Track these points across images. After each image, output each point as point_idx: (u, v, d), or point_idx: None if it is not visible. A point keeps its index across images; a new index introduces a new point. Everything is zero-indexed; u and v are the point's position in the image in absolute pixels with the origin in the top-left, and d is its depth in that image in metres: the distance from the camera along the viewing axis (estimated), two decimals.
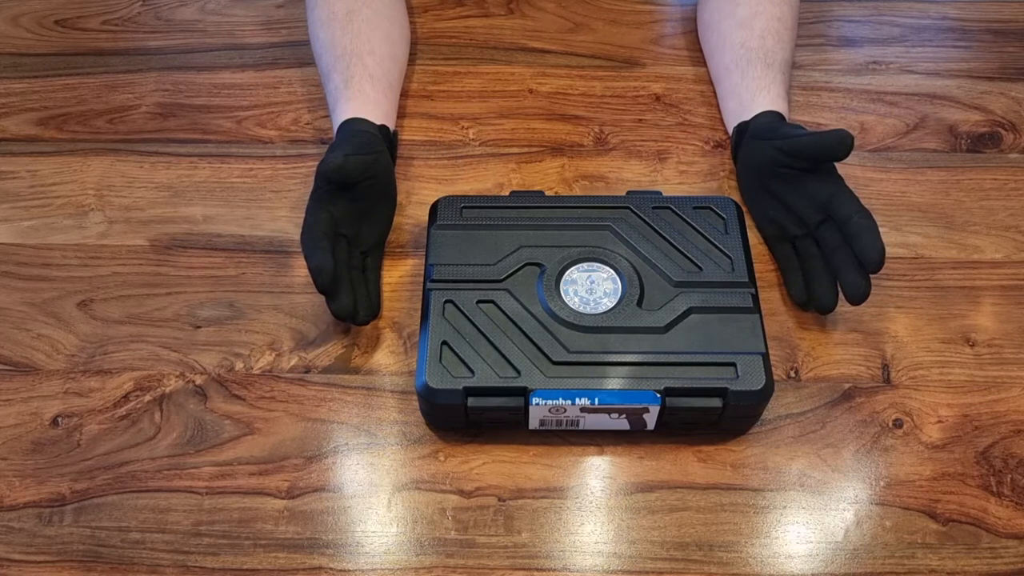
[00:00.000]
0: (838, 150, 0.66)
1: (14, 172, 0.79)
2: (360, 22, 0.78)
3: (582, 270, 0.66)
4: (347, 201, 0.67)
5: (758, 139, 0.72)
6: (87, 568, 0.58)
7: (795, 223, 0.69)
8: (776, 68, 0.76)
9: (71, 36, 0.91)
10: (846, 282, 0.64)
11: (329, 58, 0.77)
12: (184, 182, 0.78)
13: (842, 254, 0.65)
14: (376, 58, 0.77)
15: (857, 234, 0.63)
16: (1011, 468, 0.62)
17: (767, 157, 0.70)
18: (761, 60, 0.76)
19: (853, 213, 0.64)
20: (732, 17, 0.79)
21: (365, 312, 0.66)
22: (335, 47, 0.77)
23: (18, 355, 0.68)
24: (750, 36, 0.77)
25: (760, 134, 0.72)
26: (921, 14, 0.92)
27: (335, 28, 0.78)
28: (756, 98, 0.74)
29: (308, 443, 0.64)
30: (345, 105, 0.74)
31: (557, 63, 0.87)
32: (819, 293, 0.67)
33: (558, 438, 0.64)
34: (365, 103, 0.74)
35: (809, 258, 0.68)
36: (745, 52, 0.77)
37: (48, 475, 0.62)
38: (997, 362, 0.67)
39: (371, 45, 0.77)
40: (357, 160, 0.67)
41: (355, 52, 0.76)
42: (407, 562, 0.59)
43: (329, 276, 0.62)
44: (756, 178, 0.72)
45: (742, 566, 0.58)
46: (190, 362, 0.67)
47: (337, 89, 0.75)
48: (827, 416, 0.64)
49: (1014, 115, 0.82)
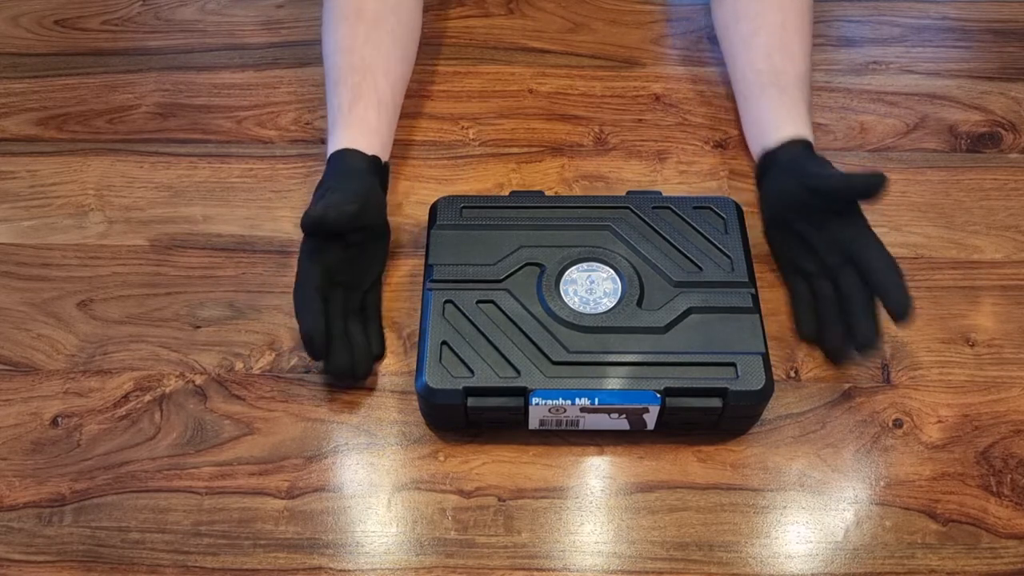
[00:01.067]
0: (870, 191, 0.65)
1: (14, 172, 0.79)
2: (384, 33, 0.75)
3: (582, 270, 0.66)
4: (339, 249, 0.65)
5: (785, 173, 0.69)
6: (87, 568, 0.58)
7: (814, 262, 0.68)
8: (791, 89, 0.73)
9: (71, 36, 0.91)
10: (857, 330, 0.64)
11: (343, 65, 0.73)
12: (184, 182, 0.78)
13: (857, 301, 0.64)
14: (390, 79, 0.74)
15: (882, 285, 0.62)
16: (1011, 468, 0.62)
17: (793, 194, 0.68)
18: (773, 84, 0.73)
19: (879, 263, 0.63)
20: (736, 34, 0.77)
21: (363, 367, 0.65)
22: (352, 54, 0.73)
23: (18, 355, 0.68)
24: (756, 57, 0.75)
25: (787, 168, 0.69)
26: (921, 14, 0.92)
27: (358, 33, 0.74)
28: (779, 127, 0.71)
29: (308, 443, 0.64)
30: (343, 132, 0.70)
31: (557, 63, 0.87)
32: (830, 339, 0.66)
33: (558, 438, 0.64)
34: (364, 132, 0.71)
35: (824, 299, 0.67)
36: (755, 77, 0.74)
37: (48, 475, 0.62)
38: (997, 362, 0.67)
39: (389, 63, 0.74)
40: (340, 212, 0.64)
41: (370, 68, 0.73)
42: (407, 562, 0.59)
43: (320, 342, 0.62)
44: (779, 212, 0.71)
45: (742, 566, 0.58)
46: (190, 362, 0.67)
47: (339, 108, 0.72)
48: (827, 416, 0.64)
49: (1014, 115, 0.82)
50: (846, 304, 0.65)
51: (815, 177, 0.67)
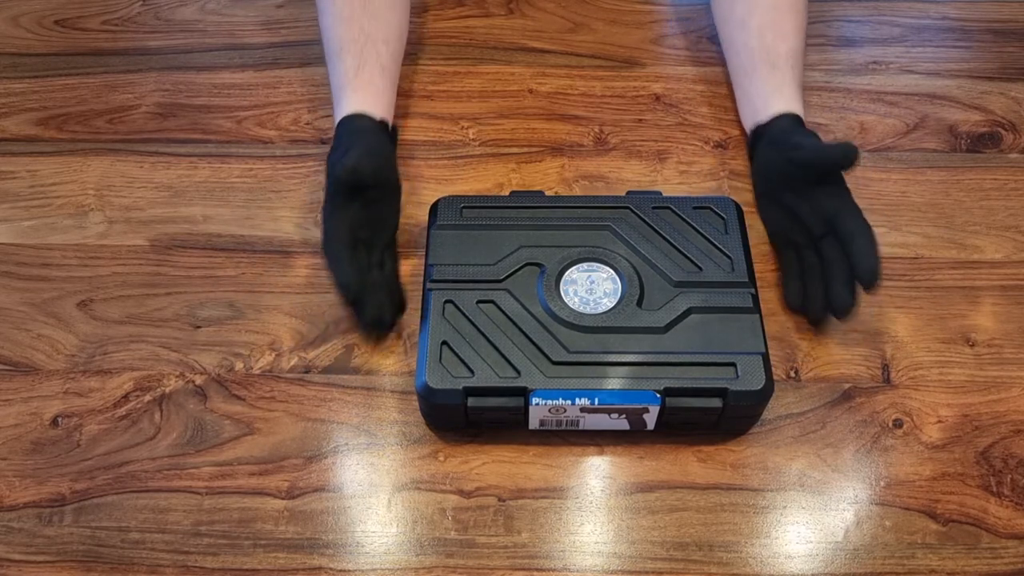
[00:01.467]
0: (842, 162, 0.67)
1: (14, 172, 0.79)
2: (380, 2, 0.77)
3: (582, 270, 0.66)
4: (360, 205, 0.67)
5: (772, 146, 0.72)
6: (87, 568, 0.58)
7: (801, 232, 0.69)
8: (782, 66, 0.75)
9: (71, 36, 0.91)
10: (832, 294, 0.65)
11: (344, 35, 0.75)
12: (184, 182, 0.78)
13: (836, 268, 0.66)
14: (389, 47, 0.76)
15: (855, 252, 0.64)
16: (1011, 468, 0.62)
17: (778, 166, 0.71)
18: (764, 61, 0.75)
19: (854, 230, 0.65)
20: (732, 18, 0.79)
21: (392, 315, 0.67)
22: (351, 25, 0.75)
23: (18, 355, 0.68)
24: (749, 36, 0.77)
25: (774, 141, 0.72)
26: (921, 14, 0.92)
27: (355, 2, 0.76)
28: (769, 102, 0.74)
29: (308, 443, 0.64)
30: (352, 95, 0.73)
31: (557, 63, 0.87)
32: (811, 303, 0.68)
33: (558, 438, 0.64)
34: (372, 95, 0.73)
35: (809, 267, 0.68)
36: (748, 54, 0.76)
37: (48, 475, 0.62)
38: (997, 362, 0.67)
39: (387, 32, 0.76)
40: (370, 163, 0.67)
41: (371, 36, 0.75)
42: (407, 562, 0.59)
43: (356, 291, 0.64)
44: (768, 185, 0.73)
45: (742, 566, 0.58)
46: (190, 362, 0.67)
47: (346, 75, 0.74)
48: (827, 416, 0.64)
49: (1014, 115, 0.82)
50: (827, 270, 0.67)
51: (794, 148, 0.69)
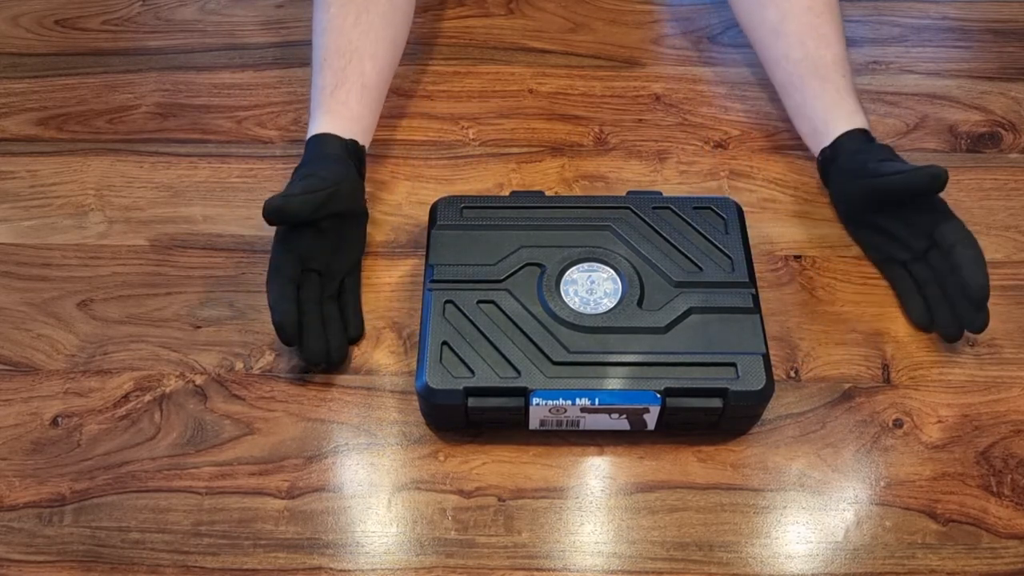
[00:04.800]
0: (930, 188, 0.65)
1: (14, 172, 0.79)
2: (375, 16, 0.74)
3: (582, 270, 0.65)
4: (312, 236, 0.65)
5: (847, 175, 0.70)
6: (87, 568, 0.58)
7: (902, 249, 0.68)
8: (833, 76, 0.72)
9: (71, 36, 0.91)
10: (963, 316, 0.64)
11: (329, 46, 0.73)
12: (184, 182, 0.78)
13: (954, 283, 0.64)
14: (376, 64, 0.73)
15: (959, 264, 0.62)
16: (1011, 468, 0.62)
17: (860, 195, 0.69)
18: (812, 73, 0.72)
19: (956, 242, 0.63)
20: (763, 23, 0.76)
21: (337, 352, 0.65)
22: (340, 36, 0.72)
23: (18, 355, 0.68)
24: (789, 47, 0.73)
25: (848, 168, 0.69)
26: (921, 14, 0.92)
27: (348, 13, 0.73)
28: (828, 121, 0.71)
29: (308, 443, 0.63)
30: (322, 117, 0.70)
31: (557, 63, 0.87)
32: (943, 323, 0.66)
33: (558, 438, 0.64)
34: (343, 118, 0.70)
35: (926, 283, 0.67)
36: (792, 66, 0.73)
37: (48, 475, 0.62)
38: (997, 362, 0.67)
39: (376, 47, 0.73)
40: (303, 201, 0.64)
41: (357, 51, 0.72)
42: (407, 562, 0.59)
43: (291, 331, 0.62)
44: (853, 211, 0.71)
45: (742, 566, 0.58)
46: (190, 362, 0.67)
47: (322, 91, 0.71)
48: (827, 416, 0.64)
49: (1014, 115, 0.82)
50: (945, 286, 0.65)
51: (876, 178, 0.67)
